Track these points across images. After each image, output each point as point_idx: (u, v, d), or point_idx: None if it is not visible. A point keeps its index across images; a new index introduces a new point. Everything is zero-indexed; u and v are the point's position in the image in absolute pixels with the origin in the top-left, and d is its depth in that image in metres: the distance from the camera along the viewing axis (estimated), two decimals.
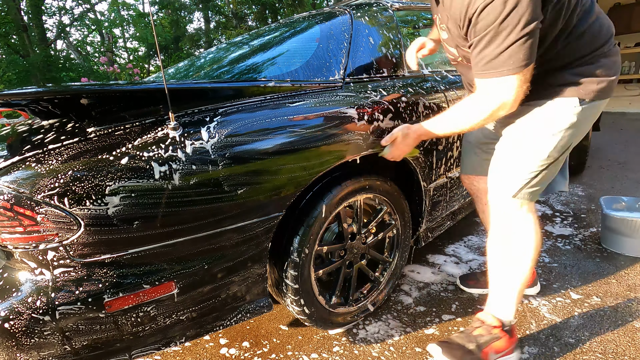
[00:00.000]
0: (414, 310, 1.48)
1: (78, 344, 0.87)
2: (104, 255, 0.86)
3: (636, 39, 7.45)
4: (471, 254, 1.87)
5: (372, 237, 1.41)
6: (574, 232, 2.02)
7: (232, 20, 13.86)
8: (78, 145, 0.84)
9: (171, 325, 0.98)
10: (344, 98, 1.22)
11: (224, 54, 1.82)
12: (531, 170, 1.02)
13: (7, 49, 9.32)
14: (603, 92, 0.97)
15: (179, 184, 0.89)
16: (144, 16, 11.40)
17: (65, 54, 11.99)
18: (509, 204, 1.06)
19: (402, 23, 1.66)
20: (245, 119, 1.00)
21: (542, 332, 1.31)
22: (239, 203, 0.98)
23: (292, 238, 1.15)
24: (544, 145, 1.00)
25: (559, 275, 1.63)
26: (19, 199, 0.79)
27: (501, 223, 1.10)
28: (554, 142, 1.00)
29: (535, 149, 1.01)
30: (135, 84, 0.94)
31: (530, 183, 1.03)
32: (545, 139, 1.00)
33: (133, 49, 13.92)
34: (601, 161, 3.25)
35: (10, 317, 0.81)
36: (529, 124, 1.03)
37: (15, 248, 0.83)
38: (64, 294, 0.83)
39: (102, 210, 0.82)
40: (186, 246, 0.94)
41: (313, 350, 1.30)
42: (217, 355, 1.31)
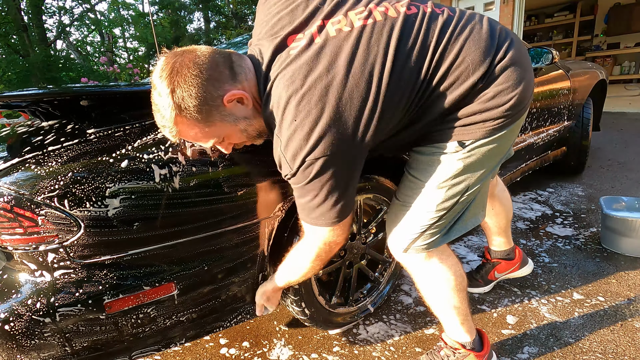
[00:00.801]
0: (414, 310, 1.48)
1: (78, 345, 0.87)
2: (104, 257, 0.86)
3: (636, 39, 7.46)
4: (471, 254, 1.87)
5: (372, 237, 1.41)
6: (574, 232, 2.02)
7: (232, 20, 13.86)
8: (78, 147, 0.84)
9: (171, 326, 0.99)
10: None
11: None
12: (421, 225, 0.92)
13: (7, 49, 9.33)
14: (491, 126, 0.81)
15: (179, 185, 0.89)
16: (144, 16, 11.39)
17: (65, 54, 12.00)
18: (405, 258, 1.00)
19: None
20: None
21: (542, 332, 1.31)
22: (239, 204, 0.98)
23: (292, 238, 1.15)
24: (429, 200, 0.89)
25: (559, 275, 1.63)
26: (19, 200, 0.79)
27: (412, 272, 1.04)
28: (440, 195, 0.88)
29: (420, 204, 0.91)
30: (135, 85, 0.94)
31: (422, 237, 0.94)
32: (429, 192, 0.89)
33: (133, 49, 13.91)
34: (601, 161, 3.25)
35: (11, 319, 0.81)
36: (413, 175, 0.93)
37: (15, 249, 0.83)
38: (64, 296, 0.83)
39: (102, 211, 0.82)
40: (186, 247, 0.94)
41: (313, 350, 1.30)
42: (217, 355, 1.31)
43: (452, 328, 1.09)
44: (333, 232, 0.86)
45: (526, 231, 2.07)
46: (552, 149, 2.51)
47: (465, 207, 0.94)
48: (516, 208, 2.40)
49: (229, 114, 0.78)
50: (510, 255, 1.47)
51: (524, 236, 2.01)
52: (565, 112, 2.42)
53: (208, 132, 0.78)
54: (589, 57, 7.62)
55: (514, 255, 1.47)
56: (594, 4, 7.99)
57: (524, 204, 2.46)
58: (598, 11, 8.00)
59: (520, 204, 2.47)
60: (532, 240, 1.96)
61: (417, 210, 0.92)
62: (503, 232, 1.42)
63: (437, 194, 0.89)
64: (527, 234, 2.04)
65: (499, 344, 1.27)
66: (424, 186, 0.90)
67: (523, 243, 1.94)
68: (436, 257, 0.99)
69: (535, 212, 2.32)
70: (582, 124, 2.63)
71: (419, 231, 0.93)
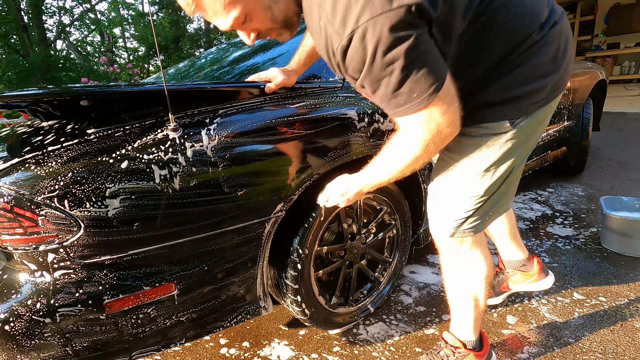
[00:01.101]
0: (414, 310, 1.48)
1: (78, 346, 0.87)
2: (104, 257, 0.86)
3: (636, 39, 7.45)
4: None
5: (372, 237, 1.41)
6: (574, 232, 2.02)
7: None
8: (78, 147, 0.84)
9: (171, 326, 0.99)
10: (344, 99, 1.22)
11: (224, 55, 1.82)
12: (466, 210, 0.90)
13: (7, 49, 9.32)
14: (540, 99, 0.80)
15: (179, 186, 0.89)
16: (144, 16, 11.39)
17: (65, 54, 11.99)
18: (449, 243, 0.99)
19: None
20: (245, 120, 1.00)
21: (542, 332, 1.31)
22: (239, 204, 0.98)
23: (292, 238, 1.15)
24: (476, 184, 0.87)
25: (559, 275, 1.63)
26: (19, 200, 0.79)
27: (447, 258, 1.04)
28: (487, 179, 0.86)
29: (467, 188, 0.89)
30: (135, 86, 0.94)
31: (467, 221, 0.92)
32: (476, 176, 0.86)
33: (133, 49, 13.91)
34: (601, 161, 3.25)
35: (11, 319, 0.81)
36: (459, 160, 0.88)
37: (15, 249, 0.83)
38: (64, 296, 0.84)
39: (102, 211, 0.82)
40: (186, 247, 0.94)
41: (313, 350, 1.30)
42: (217, 355, 1.31)
43: (461, 323, 1.08)
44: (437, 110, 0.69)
45: (526, 231, 2.07)
46: (552, 149, 2.51)
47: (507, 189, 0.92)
48: (516, 208, 2.40)
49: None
50: (527, 266, 1.33)
51: (524, 236, 2.01)
52: (565, 112, 2.42)
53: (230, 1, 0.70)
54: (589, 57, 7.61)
55: (530, 266, 1.33)
56: (594, 4, 7.99)
57: (524, 204, 2.46)
58: (598, 11, 7.99)
59: (520, 204, 2.46)
60: (532, 240, 1.96)
61: (463, 195, 0.90)
62: (512, 239, 1.32)
63: (485, 177, 0.86)
64: (527, 234, 2.04)
65: (499, 344, 1.27)
66: (471, 170, 0.87)
67: (523, 243, 1.93)
68: (477, 243, 0.98)
69: (535, 212, 2.32)
70: (582, 124, 2.63)
71: (465, 216, 0.91)
